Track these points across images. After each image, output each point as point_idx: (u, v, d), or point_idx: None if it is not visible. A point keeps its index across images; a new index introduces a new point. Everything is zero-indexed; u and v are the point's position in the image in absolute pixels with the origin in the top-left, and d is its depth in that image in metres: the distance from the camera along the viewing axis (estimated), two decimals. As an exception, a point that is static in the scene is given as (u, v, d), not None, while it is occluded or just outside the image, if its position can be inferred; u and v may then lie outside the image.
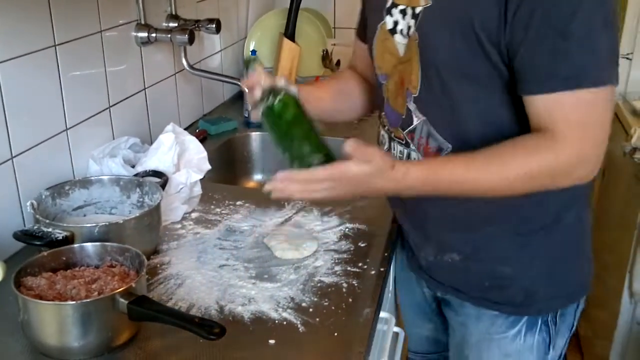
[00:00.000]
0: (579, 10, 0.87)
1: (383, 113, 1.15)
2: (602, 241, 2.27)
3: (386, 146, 1.16)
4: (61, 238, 1.04)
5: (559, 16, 0.88)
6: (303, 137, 1.00)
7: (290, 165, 1.00)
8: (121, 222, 1.10)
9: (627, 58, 2.24)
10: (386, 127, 1.15)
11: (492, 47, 0.93)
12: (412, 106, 1.06)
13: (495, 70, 0.95)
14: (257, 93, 1.05)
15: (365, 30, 1.17)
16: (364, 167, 0.93)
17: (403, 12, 1.03)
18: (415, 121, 1.06)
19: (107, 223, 1.08)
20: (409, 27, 1.02)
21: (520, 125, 0.97)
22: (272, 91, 1.01)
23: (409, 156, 1.08)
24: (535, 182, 0.95)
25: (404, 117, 1.08)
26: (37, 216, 1.09)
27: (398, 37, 1.05)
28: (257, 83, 1.05)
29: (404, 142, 1.10)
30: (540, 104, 0.93)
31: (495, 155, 0.95)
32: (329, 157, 0.98)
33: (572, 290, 1.14)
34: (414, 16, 1.01)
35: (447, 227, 1.11)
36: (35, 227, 1.07)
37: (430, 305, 1.32)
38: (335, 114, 1.27)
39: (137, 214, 1.14)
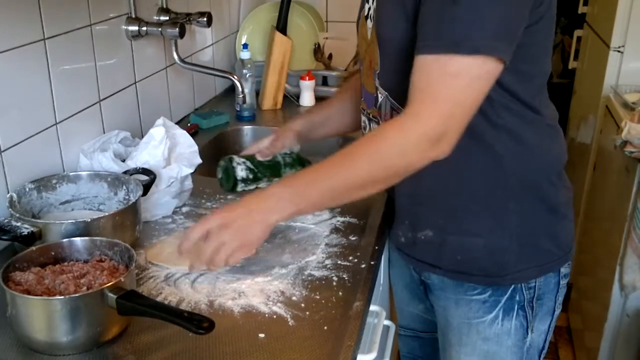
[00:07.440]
0: None
1: (362, 99, 1.20)
2: (592, 234, 2.28)
3: (367, 129, 1.21)
4: (26, 234, 1.04)
5: None
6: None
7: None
8: (89, 220, 1.08)
9: (619, 51, 2.24)
10: (365, 111, 1.19)
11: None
12: (377, 82, 1.11)
13: None
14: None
15: None
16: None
17: None
18: (380, 98, 1.11)
19: (74, 221, 1.07)
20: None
21: None
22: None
23: None
24: (385, 158, 0.96)
25: (374, 95, 1.13)
26: (10, 210, 1.09)
27: (369, 22, 1.11)
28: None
29: (375, 120, 1.15)
30: (416, 65, 0.94)
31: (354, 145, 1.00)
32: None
33: (545, 262, 1.14)
34: (374, 1, 1.07)
35: (418, 202, 1.14)
36: (6, 220, 1.06)
37: (419, 287, 1.33)
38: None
39: (107, 214, 1.12)
